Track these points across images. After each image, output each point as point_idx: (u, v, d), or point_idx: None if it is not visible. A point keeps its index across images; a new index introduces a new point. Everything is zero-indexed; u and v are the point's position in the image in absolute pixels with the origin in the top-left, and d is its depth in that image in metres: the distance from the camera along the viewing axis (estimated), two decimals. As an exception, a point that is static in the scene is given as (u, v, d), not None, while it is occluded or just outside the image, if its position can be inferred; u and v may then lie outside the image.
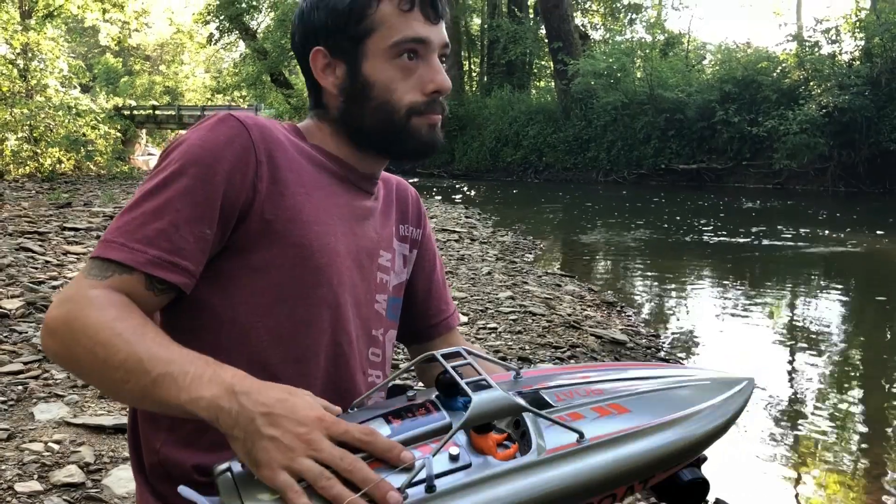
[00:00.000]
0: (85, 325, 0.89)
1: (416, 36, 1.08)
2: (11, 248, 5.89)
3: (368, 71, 1.09)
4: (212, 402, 0.83)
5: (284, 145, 1.06)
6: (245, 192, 1.00)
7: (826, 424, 3.62)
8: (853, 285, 7.51)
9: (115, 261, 0.93)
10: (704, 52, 25.53)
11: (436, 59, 1.11)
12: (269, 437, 0.80)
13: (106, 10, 23.32)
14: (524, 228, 11.07)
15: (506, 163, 24.45)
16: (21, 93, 17.19)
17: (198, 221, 0.96)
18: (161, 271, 0.94)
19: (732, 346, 5.00)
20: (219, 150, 0.99)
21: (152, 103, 41.58)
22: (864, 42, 18.83)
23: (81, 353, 0.89)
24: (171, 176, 0.97)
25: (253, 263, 1.01)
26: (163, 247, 0.94)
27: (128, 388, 0.87)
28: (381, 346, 1.20)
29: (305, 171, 1.08)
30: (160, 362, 0.86)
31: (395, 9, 1.07)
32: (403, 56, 1.08)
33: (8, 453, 2.45)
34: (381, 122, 1.10)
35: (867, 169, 17.67)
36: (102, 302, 0.91)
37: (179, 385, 0.85)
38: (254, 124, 1.03)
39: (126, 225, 0.96)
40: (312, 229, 1.05)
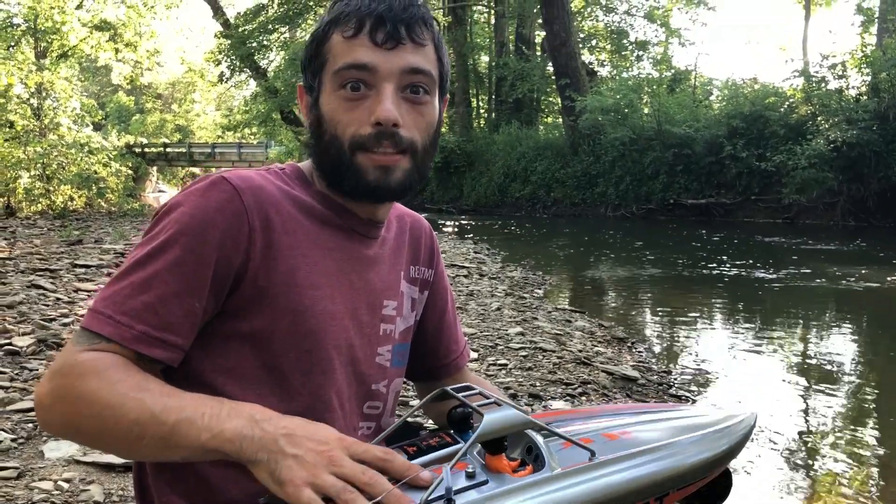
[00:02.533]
0: (83, 393, 0.88)
1: (356, 62, 1.01)
2: (23, 286, 5.92)
3: (322, 105, 1.06)
4: (235, 432, 0.85)
5: (280, 204, 1.03)
6: (238, 260, 0.98)
7: (840, 462, 3.56)
8: (865, 320, 7.45)
9: (104, 336, 0.92)
10: (711, 87, 25.67)
11: (386, 89, 1.02)
12: (293, 456, 0.83)
13: (119, 49, 23.69)
14: (533, 263, 11.06)
15: (514, 198, 24.53)
16: (34, 131, 17.40)
17: (187, 294, 0.95)
18: (147, 348, 0.92)
19: (744, 383, 4.95)
20: (210, 219, 0.96)
21: (163, 141, 42.08)
22: (870, 77, 18.91)
23: (86, 421, 0.88)
24: (161, 246, 0.96)
25: (246, 329, 1.00)
26: (150, 322, 0.93)
27: (144, 444, 0.87)
28: (383, 397, 1.17)
29: (302, 230, 1.05)
30: (173, 410, 0.87)
31: (341, 36, 1.03)
32: (347, 86, 1.02)
33: (18, 492, 2.44)
34: (331, 159, 1.05)
35: (877, 203, 17.64)
36: (97, 366, 0.90)
37: (199, 426, 0.86)
38: (247, 188, 1.00)
39: (114, 296, 0.94)
40: (307, 293, 1.03)
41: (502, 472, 0.88)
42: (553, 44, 24.24)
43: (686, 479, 1.00)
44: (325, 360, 1.04)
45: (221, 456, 0.86)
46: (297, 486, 0.80)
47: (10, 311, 4.97)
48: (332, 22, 1.04)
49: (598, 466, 0.92)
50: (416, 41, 1.03)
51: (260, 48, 32.61)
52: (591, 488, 0.89)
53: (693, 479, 1.01)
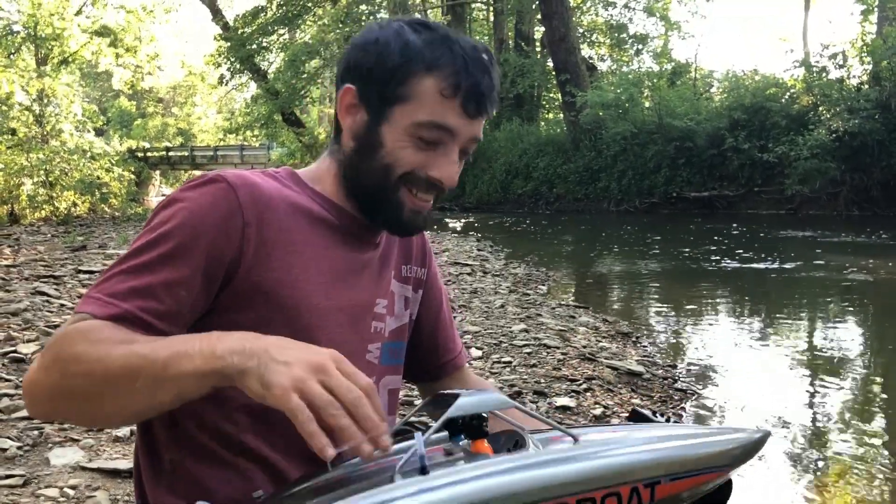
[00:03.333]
0: (71, 355, 0.89)
1: (445, 124, 1.05)
2: (27, 293, 5.93)
3: (385, 133, 1.06)
4: (225, 349, 0.85)
5: (275, 203, 1.05)
6: (230, 255, 0.99)
7: (847, 453, 3.56)
8: (871, 311, 7.43)
9: (89, 313, 0.93)
10: (712, 80, 25.63)
11: (455, 152, 1.07)
12: (283, 362, 0.83)
13: (119, 55, 23.74)
14: (536, 260, 11.05)
15: (516, 195, 24.51)
16: (37, 138, 17.46)
17: (175, 284, 0.96)
18: (131, 327, 0.93)
19: (750, 376, 4.94)
20: (204, 213, 0.99)
21: (165, 145, 42.15)
22: (871, 66, 18.86)
23: (76, 381, 0.89)
24: (156, 239, 0.98)
25: (239, 324, 0.98)
26: (135, 304, 0.94)
27: (137, 388, 0.87)
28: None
29: (297, 229, 1.06)
30: (163, 348, 0.88)
31: (437, 89, 1.04)
32: (424, 136, 1.05)
33: (24, 499, 2.44)
34: (375, 182, 1.08)
35: (881, 192, 17.60)
36: (81, 330, 0.91)
37: (191, 354, 0.86)
38: (242, 184, 1.02)
39: (105, 281, 0.96)
40: (300, 288, 1.04)
41: (484, 454, 0.89)
42: (552, 39, 24.21)
43: (678, 471, 0.99)
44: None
45: (215, 378, 0.85)
46: (284, 389, 0.80)
47: (14, 318, 4.98)
48: (430, 66, 1.04)
49: (581, 448, 0.93)
50: (490, 114, 1.10)
51: (259, 50, 32.61)
52: (573, 466, 0.90)
53: (688, 473, 1.00)
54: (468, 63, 1.05)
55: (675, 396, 4.26)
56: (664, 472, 0.97)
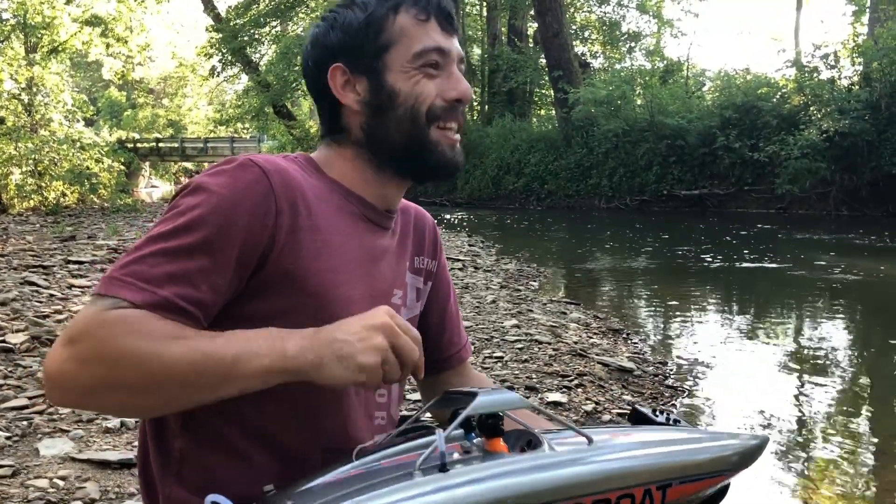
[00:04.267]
0: (125, 350, 0.86)
1: (438, 45, 1.10)
2: (16, 283, 5.89)
3: (392, 81, 1.10)
4: (295, 348, 0.89)
5: (304, 190, 1.05)
6: (264, 242, 0.99)
7: (834, 450, 3.58)
8: (858, 310, 7.47)
9: (124, 299, 0.89)
10: (704, 78, 25.67)
11: (456, 69, 1.13)
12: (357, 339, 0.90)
13: (110, 44, 23.56)
14: (528, 256, 11.06)
15: (508, 190, 24.51)
16: (26, 127, 17.32)
17: (211, 272, 0.95)
18: (168, 314, 0.90)
19: (739, 373, 4.97)
20: (238, 199, 0.98)
21: (156, 136, 41.92)
22: (862, 67, 18.93)
23: (130, 375, 0.86)
24: (188, 224, 0.95)
25: (268, 311, 1.00)
26: (173, 290, 0.91)
27: (201, 383, 0.88)
28: (388, 386, 1.18)
29: (324, 216, 1.07)
30: (226, 346, 0.89)
31: (413, 19, 1.10)
32: (426, 66, 1.10)
33: (13, 490, 2.43)
34: (407, 133, 1.10)
35: (870, 193, 17.68)
36: (127, 321, 0.87)
37: (260, 354, 0.89)
38: (274, 170, 1.02)
39: (135, 264, 0.92)
40: (328, 277, 1.04)
41: (500, 452, 0.90)
42: (545, 35, 24.21)
43: (689, 473, 1.01)
44: None
45: (285, 376, 0.89)
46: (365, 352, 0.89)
47: (3, 307, 4.94)
48: (396, 5, 1.10)
49: (596, 449, 0.93)
50: (458, 30, 1.16)
51: (251, 42, 32.47)
52: (589, 467, 0.91)
53: (698, 476, 1.02)
54: None
55: (666, 393, 4.28)
56: (676, 475, 0.99)
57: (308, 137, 31.27)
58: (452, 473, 0.82)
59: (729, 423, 3.93)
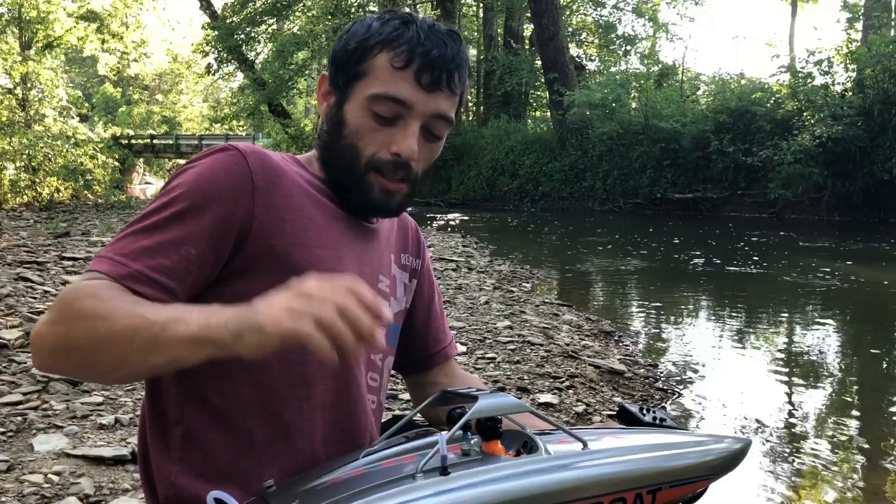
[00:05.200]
0: (80, 309, 0.91)
1: (396, 95, 1.07)
2: (10, 278, 5.89)
3: (347, 111, 1.11)
4: (221, 318, 0.88)
5: (284, 171, 1.09)
6: (241, 216, 1.02)
7: (823, 454, 3.61)
8: (849, 314, 7.52)
9: (100, 271, 0.97)
10: (698, 82, 25.75)
11: (413, 126, 1.09)
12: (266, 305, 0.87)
13: (105, 40, 23.51)
14: (521, 257, 11.09)
15: (502, 192, 24.55)
16: (20, 122, 17.27)
17: (183, 242, 0.99)
18: (139, 285, 0.96)
19: (729, 376, 5.00)
20: (214, 176, 1.02)
21: (150, 133, 41.82)
22: (856, 73, 19.03)
23: (79, 335, 0.91)
24: (167, 202, 1.01)
25: (256, 288, 0.99)
26: (144, 263, 0.97)
27: (134, 347, 0.89)
28: (380, 371, 1.20)
29: (307, 197, 1.10)
30: (163, 312, 0.90)
31: (389, 63, 1.08)
32: (379, 110, 1.08)
33: (7, 485, 2.44)
34: (344, 165, 1.12)
35: (862, 198, 17.77)
36: (91, 286, 0.94)
37: (188, 320, 0.88)
38: (252, 152, 1.06)
39: (116, 242, 1.00)
40: (315, 253, 1.06)
41: (497, 455, 0.91)
42: (541, 38, 24.25)
43: (678, 477, 1.03)
44: None
45: (210, 347, 0.87)
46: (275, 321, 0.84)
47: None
48: (385, 42, 1.08)
49: (591, 454, 0.95)
50: (452, 89, 1.11)
51: (247, 40, 32.41)
52: (583, 471, 0.93)
53: (686, 480, 1.05)
54: (422, 36, 1.08)
55: (656, 396, 4.31)
56: (667, 479, 1.01)
57: (303, 136, 31.26)
58: (453, 476, 0.84)
59: (718, 426, 3.97)
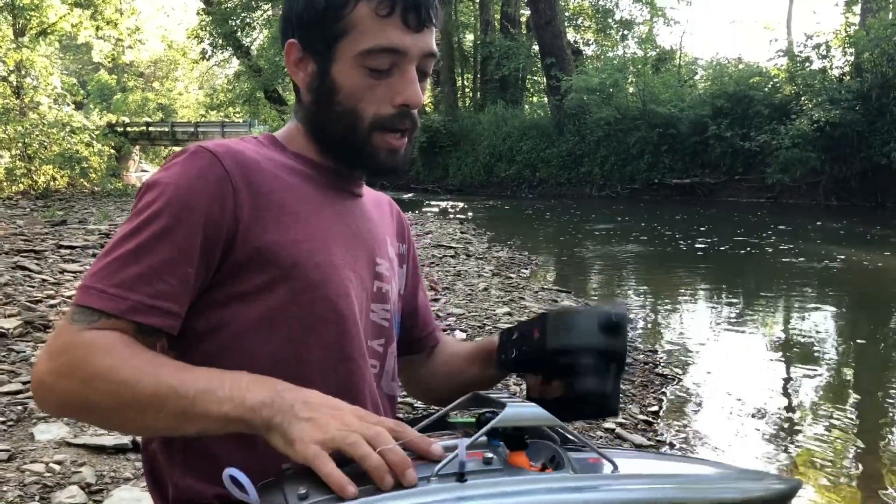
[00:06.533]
0: (97, 370, 0.88)
1: (391, 45, 1.01)
2: (8, 267, 5.88)
3: (336, 75, 1.04)
4: (256, 401, 0.87)
5: (261, 166, 1.03)
6: (226, 223, 0.97)
7: (822, 438, 3.63)
8: (846, 298, 7.54)
9: (97, 308, 0.91)
10: (696, 67, 25.68)
11: (412, 70, 1.04)
12: (306, 419, 0.84)
13: (99, 27, 23.38)
14: (519, 243, 11.09)
15: (500, 178, 24.52)
16: (14, 110, 17.20)
17: (178, 262, 0.95)
18: (143, 317, 0.92)
19: (729, 361, 5.01)
20: (193, 186, 0.96)
21: (146, 120, 41.65)
22: (854, 57, 18.98)
23: (100, 398, 0.89)
24: (148, 218, 0.95)
25: (245, 291, 0.99)
26: (143, 291, 0.92)
27: (162, 416, 0.88)
28: (380, 357, 1.16)
29: (289, 188, 1.05)
30: (192, 383, 0.88)
31: (372, 12, 1.00)
32: (375, 64, 1.02)
33: (9, 474, 2.44)
34: (344, 131, 1.06)
35: (859, 183, 17.77)
36: (104, 343, 0.90)
37: (220, 397, 0.87)
38: (225, 152, 1.00)
39: (103, 270, 0.93)
40: (303, 248, 1.02)
41: (521, 467, 0.87)
42: (538, 22, 24.15)
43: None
44: (330, 311, 1.03)
45: (241, 426, 0.87)
46: (305, 444, 0.82)
47: (-5, 292, 4.94)
48: None
49: (621, 479, 0.90)
50: (435, 24, 1.05)
51: (242, 26, 32.25)
52: (608, 496, 0.87)
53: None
54: None
55: (656, 381, 4.32)
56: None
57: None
58: (470, 485, 0.81)
59: (718, 410, 3.97)
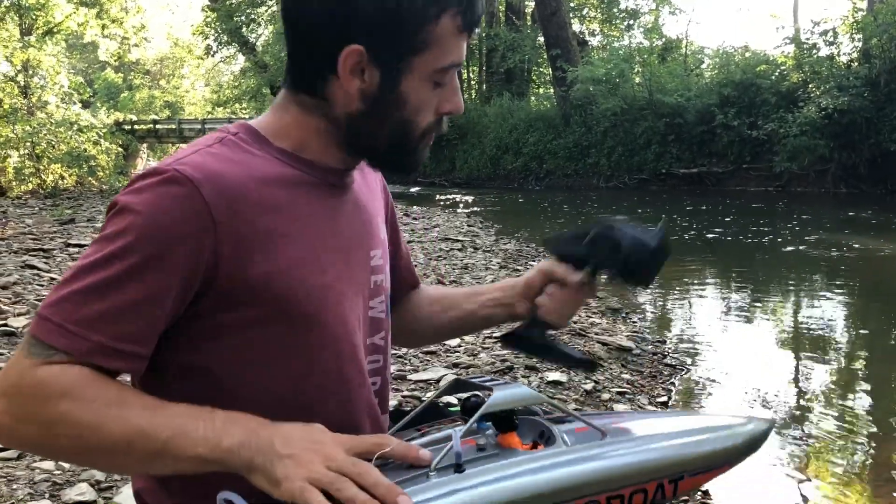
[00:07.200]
0: (56, 416, 0.83)
1: (461, 60, 1.00)
2: (17, 266, 5.91)
3: (406, 88, 0.97)
4: (232, 442, 0.85)
5: (245, 188, 0.93)
6: (205, 261, 0.90)
7: (832, 427, 3.61)
8: (856, 287, 7.50)
9: (56, 347, 0.85)
10: (702, 56, 25.57)
11: (456, 80, 1.02)
12: (288, 456, 0.83)
13: (105, 25, 23.40)
14: (527, 236, 11.06)
15: (507, 170, 24.48)
16: (22, 110, 17.24)
17: (146, 304, 0.87)
18: (104, 360, 0.86)
19: (737, 351, 5.00)
20: (168, 221, 0.88)
21: (153, 118, 41.69)
22: (861, 43, 18.85)
23: (64, 442, 0.85)
24: (117, 252, 0.87)
25: (234, 323, 0.94)
26: (106, 332, 0.85)
27: (133, 459, 0.86)
28: (382, 350, 1.13)
29: (276, 206, 0.96)
30: (163, 425, 0.85)
31: (454, 28, 0.96)
32: (445, 79, 0.99)
33: (19, 472, 2.45)
34: (396, 140, 1.01)
35: (868, 170, 17.67)
36: (63, 383, 0.84)
37: (194, 439, 0.84)
38: (205, 179, 0.90)
39: (65, 301, 0.86)
40: (294, 275, 0.95)
41: (514, 448, 0.89)
42: (543, 13, 24.08)
43: (700, 465, 1.00)
44: (327, 336, 0.99)
45: (217, 467, 0.85)
46: (291, 481, 0.81)
47: (4, 291, 4.97)
48: (441, 7, 0.95)
49: (610, 445, 0.93)
50: None
51: (248, 22, 32.25)
52: (602, 464, 0.90)
53: (708, 467, 1.02)
54: None
55: (665, 372, 4.31)
56: (688, 468, 0.99)
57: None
58: (468, 474, 0.82)
59: (727, 400, 3.97)
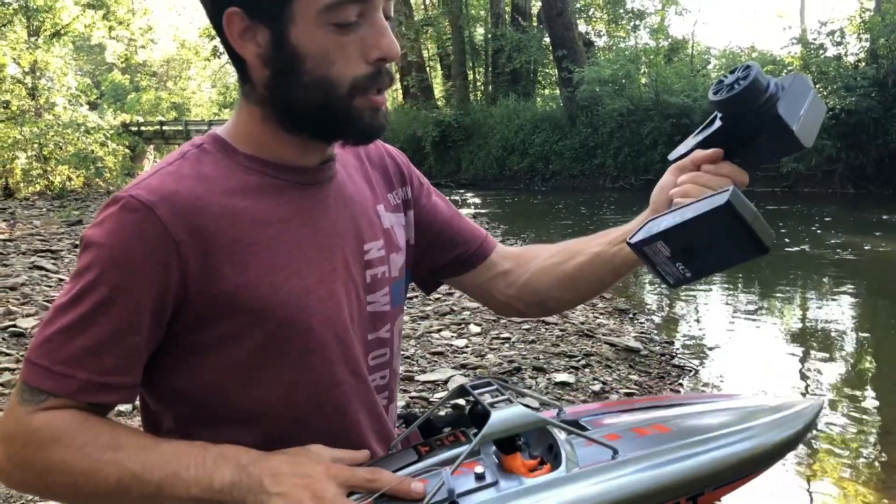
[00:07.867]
0: (51, 464, 0.86)
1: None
2: (25, 267, 5.93)
3: (297, 39, 0.88)
4: (223, 482, 0.85)
5: (203, 203, 0.90)
6: (173, 282, 0.88)
7: (840, 429, 3.60)
8: (864, 288, 7.47)
9: (45, 390, 0.86)
10: (709, 56, 25.51)
11: (381, 18, 0.90)
12: (277, 494, 0.84)
13: (112, 27, 23.49)
14: (533, 236, 11.07)
15: (512, 171, 24.45)
16: (30, 111, 17.32)
17: (123, 334, 0.87)
18: (93, 396, 0.87)
19: (745, 351, 4.99)
20: (128, 249, 0.87)
21: (159, 119, 41.82)
22: (869, 43, 18.78)
23: (60, 489, 0.87)
24: (87, 286, 0.87)
25: (214, 339, 0.92)
26: (90, 367, 0.86)
27: (129, 500, 0.86)
28: (388, 343, 1.10)
29: (241, 216, 0.92)
30: (155, 468, 0.86)
31: None
32: (341, 18, 0.87)
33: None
34: (318, 102, 0.91)
35: (875, 170, 17.60)
36: (56, 430, 0.86)
37: (186, 480, 0.86)
38: (159, 200, 0.88)
39: (48, 343, 0.87)
40: (266, 283, 0.92)
41: (516, 473, 0.84)
42: (549, 14, 24.05)
43: (723, 478, 0.92)
44: (312, 340, 0.96)
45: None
46: None
47: (13, 292, 4.98)
48: None
49: (620, 465, 0.87)
50: None
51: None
52: (610, 488, 0.84)
53: (733, 478, 0.93)
54: None
55: (673, 373, 4.30)
56: (709, 483, 0.90)
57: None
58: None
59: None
